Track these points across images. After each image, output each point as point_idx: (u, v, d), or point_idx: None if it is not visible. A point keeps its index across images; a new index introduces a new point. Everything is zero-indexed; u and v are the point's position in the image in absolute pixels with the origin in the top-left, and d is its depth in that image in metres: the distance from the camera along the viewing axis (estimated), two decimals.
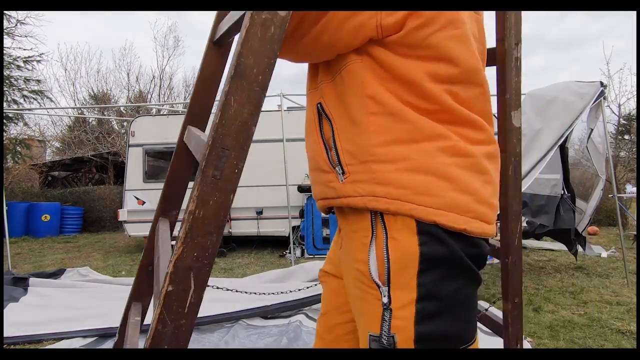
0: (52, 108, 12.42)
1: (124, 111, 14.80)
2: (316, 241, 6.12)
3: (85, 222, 9.74)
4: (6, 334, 2.69)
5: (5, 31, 9.97)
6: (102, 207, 9.91)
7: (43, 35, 21.49)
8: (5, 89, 9.92)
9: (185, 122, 1.04)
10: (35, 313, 3.24)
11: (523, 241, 6.57)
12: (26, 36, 10.57)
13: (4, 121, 10.13)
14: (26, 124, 12.20)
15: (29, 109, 11.50)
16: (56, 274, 4.64)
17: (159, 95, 16.44)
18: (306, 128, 0.87)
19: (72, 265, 5.31)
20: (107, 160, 12.36)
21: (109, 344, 2.63)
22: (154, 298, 0.80)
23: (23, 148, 10.61)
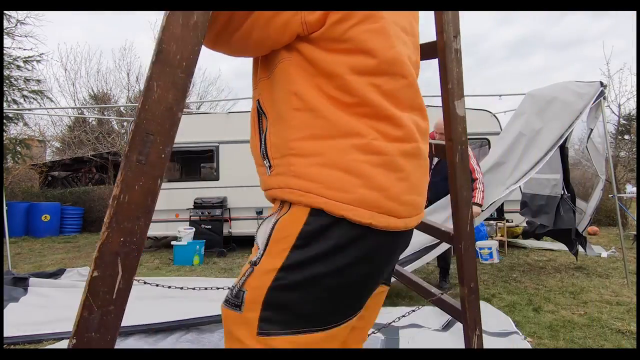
0: (52, 108, 12.42)
1: (124, 111, 14.78)
2: None
3: (85, 222, 9.73)
4: (6, 334, 2.68)
5: (5, 31, 9.97)
6: (102, 207, 9.90)
7: (43, 35, 21.50)
8: (5, 89, 9.92)
9: None
10: (35, 313, 3.23)
11: (523, 241, 6.60)
12: (26, 36, 10.58)
13: (4, 121, 10.12)
14: (26, 124, 12.21)
15: (29, 109, 11.49)
16: (56, 274, 4.63)
17: None
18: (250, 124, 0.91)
19: (72, 265, 5.31)
20: (107, 160, 12.35)
21: None
22: None
23: (23, 148, 10.61)
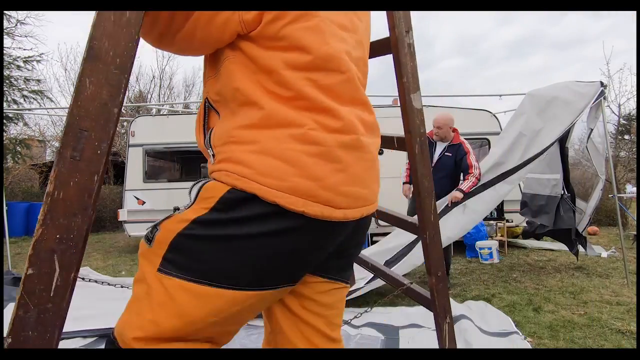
0: (52, 108, 12.41)
1: (124, 111, 14.79)
2: None
3: None
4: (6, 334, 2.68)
5: (5, 31, 9.98)
6: (102, 207, 9.90)
7: (43, 35, 21.51)
8: (5, 89, 9.93)
9: None
10: None
11: (523, 241, 6.60)
12: (26, 36, 10.59)
13: (4, 121, 10.12)
14: (26, 124, 12.21)
15: (29, 109, 11.50)
16: None
17: (159, 95, 16.42)
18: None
19: None
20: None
21: None
22: None
23: (23, 148, 10.62)
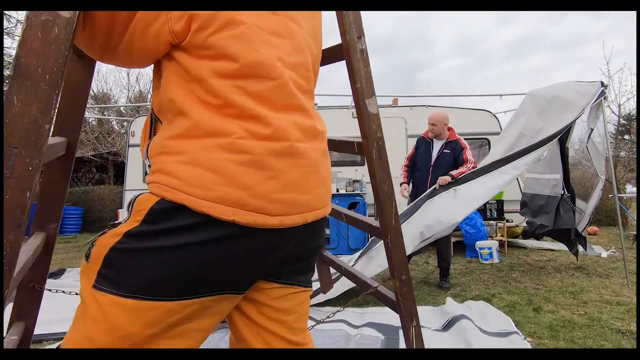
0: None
1: (124, 111, 14.81)
2: None
3: (85, 222, 9.72)
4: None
5: (5, 31, 9.98)
6: (102, 207, 9.90)
7: None
8: (5, 89, 9.92)
9: (52, 134, 1.02)
10: None
11: (523, 241, 6.60)
12: None
13: None
14: None
15: None
16: (56, 274, 4.63)
17: None
18: None
19: (72, 265, 5.31)
20: (107, 160, 12.36)
21: None
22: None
23: None
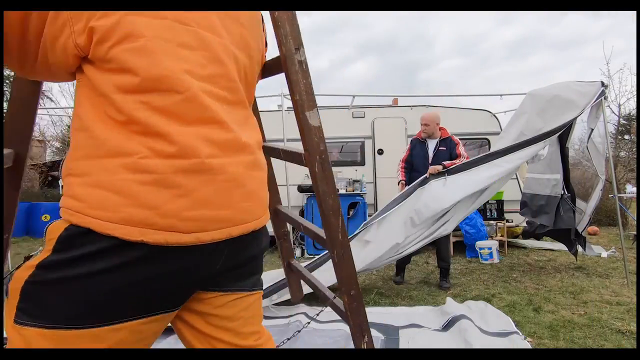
0: (52, 108, 12.40)
1: None
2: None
3: None
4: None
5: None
6: None
7: None
8: (5, 89, 9.92)
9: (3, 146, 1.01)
10: None
11: (523, 241, 6.59)
12: None
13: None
14: None
15: None
16: None
17: None
18: None
19: None
20: None
21: None
22: None
23: None
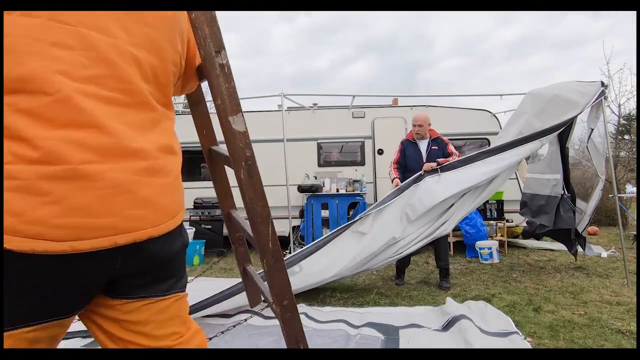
0: None
1: None
2: None
3: None
4: None
5: None
6: None
7: None
8: None
9: None
10: None
11: (523, 241, 6.58)
12: None
13: None
14: None
15: None
16: None
17: None
18: None
19: None
20: None
21: None
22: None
23: None
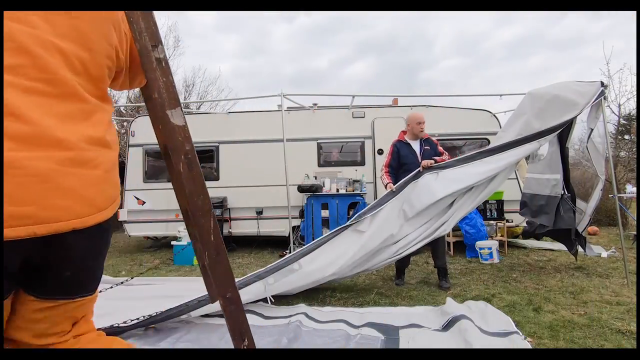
0: None
1: (124, 111, 14.79)
2: None
3: None
4: None
5: None
6: None
7: None
8: None
9: None
10: None
11: (523, 241, 6.58)
12: None
13: None
14: None
15: None
16: None
17: None
18: None
19: None
20: None
21: None
22: None
23: None
